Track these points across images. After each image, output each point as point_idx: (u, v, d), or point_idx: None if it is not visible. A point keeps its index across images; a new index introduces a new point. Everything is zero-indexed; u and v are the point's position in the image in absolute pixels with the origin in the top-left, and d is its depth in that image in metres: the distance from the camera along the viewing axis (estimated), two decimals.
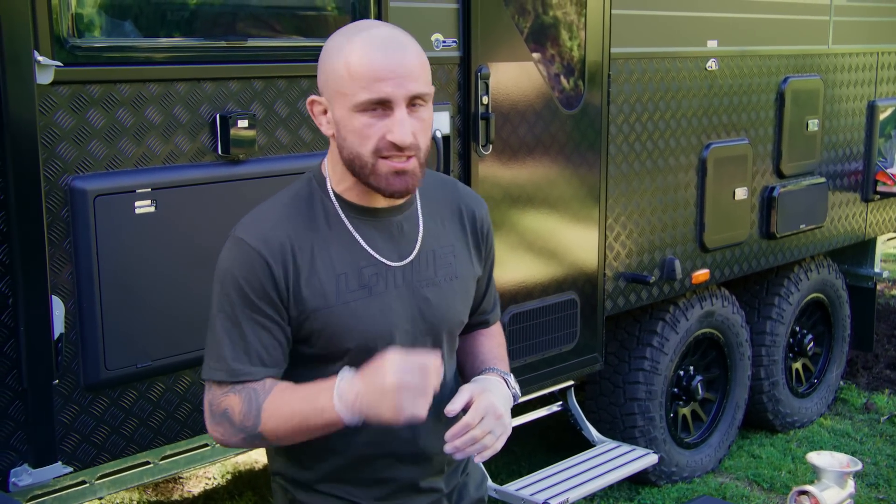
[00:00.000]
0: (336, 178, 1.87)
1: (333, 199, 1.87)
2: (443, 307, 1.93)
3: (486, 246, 2.05)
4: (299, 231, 1.83)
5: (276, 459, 1.99)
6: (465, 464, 2.09)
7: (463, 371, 2.10)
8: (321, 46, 1.83)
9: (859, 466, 2.94)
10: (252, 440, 1.81)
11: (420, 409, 1.68)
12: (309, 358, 1.88)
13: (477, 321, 2.12)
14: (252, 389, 1.81)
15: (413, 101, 1.76)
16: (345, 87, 1.75)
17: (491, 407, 1.82)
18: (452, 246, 1.96)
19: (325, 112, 1.83)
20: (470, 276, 2.00)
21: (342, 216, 1.86)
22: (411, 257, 1.89)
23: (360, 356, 1.84)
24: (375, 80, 1.72)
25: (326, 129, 1.83)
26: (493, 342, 2.14)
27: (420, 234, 1.92)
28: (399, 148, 1.75)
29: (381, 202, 1.87)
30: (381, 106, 1.74)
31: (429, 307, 1.90)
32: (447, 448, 1.80)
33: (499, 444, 1.83)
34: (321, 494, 1.94)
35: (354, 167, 1.80)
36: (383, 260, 1.86)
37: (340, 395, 1.71)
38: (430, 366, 1.69)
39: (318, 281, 1.82)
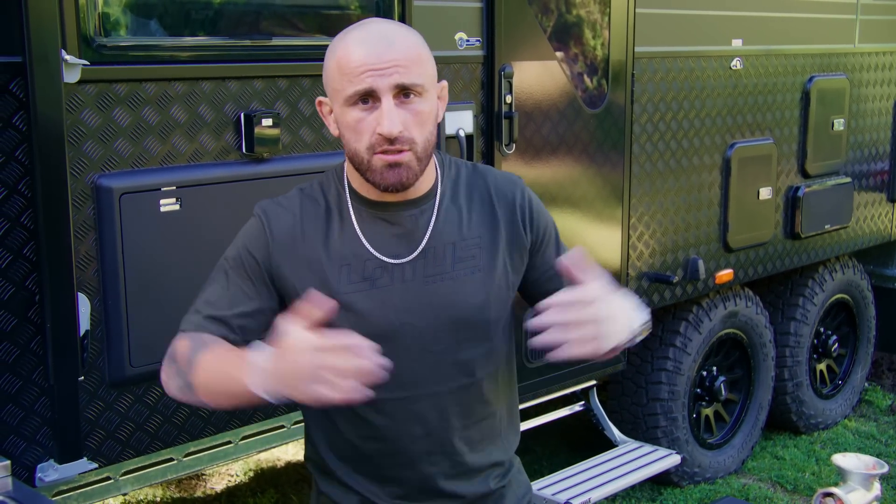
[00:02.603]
0: (352, 174, 1.87)
1: (348, 193, 1.88)
2: (458, 302, 1.85)
3: (530, 228, 1.92)
4: (309, 217, 1.85)
5: (307, 445, 2.00)
6: (503, 472, 1.99)
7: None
8: None
9: (885, 469, 2.92)
10: (187, 389, 1.73)
11: (341, 392, 1.49)
12: None
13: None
14: (200, 338, 1.76)
15: (404, 93, 1.73)
16: (336, 82, 1.75)
17: (594, 299, 1.57)
18: (480, 237, 1.88)
19: (330, 112, 1.82)
20: (502, 267, 1.89)
21: (352, 210, 1.86)
22: (418, 252, 1.85)
23: None
24: (359, 72, 1.71)
25: (333, 129, 1.83)
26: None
27: (430, 229, 1.86)
28: (389, 140, 1.73)
29: (391, 196, 1.85)
30: (370, 98, 1.73)
31: (441, 302, 1.84)
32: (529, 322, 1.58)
33: (577, 349, 1.55)
34: (341, 485, 1.92)
35: (355, 164, 1.79)
36: (382, 257, 1.83)
37: (251, 374, 1.58)
38: (351, 346, 1.51)
39: (321, 268, 1.82)
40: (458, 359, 1.86)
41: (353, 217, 1.85)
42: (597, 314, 1.57)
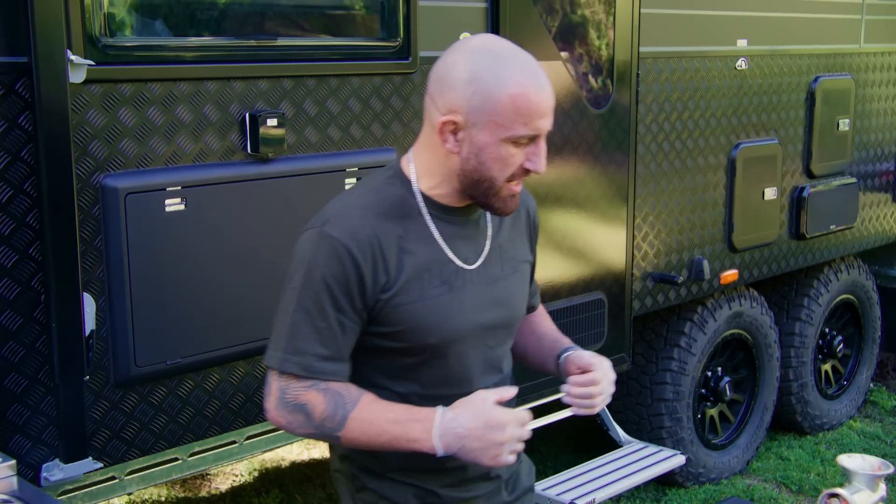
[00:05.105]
0: (427, 181, 1.89)
1: (420, 198, 1.89)
2: (512, 302, 2.00)
3: (536, 235, 2.14)
4: (385, 225, 1.84)
5: (337, 448, 2.02)
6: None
7: (526, 352, 2.17)
8: (350, 45, 1.85)
9: (891, 470, 2.91)
10: (323, 437, 1.86)
11: (514, 457, 1.81)
12: (387, 351, 1.89)
13: (528, 305, 2.16)
14: (337, 393, 1.82)
15: None
16: (503, 118, 1.78)
17: (611, 373, 1.98)
18: (514, 240, 2.03)
19: (455, 131, 1.81)
20: (528, 266, 2.08)
21: (426, 216, 1.88)
22: (485, 255, 1.95)
23: (438, 351, 1.88)
24: (538, 116, 1.79)
25: (452, 147, 1.82)
26: (549, 322, 2.24)
27: (489, 232, 1.98)
28: (528, 174, 1.84)
29: (463, 203, 1.91)
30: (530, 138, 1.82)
31: (499, 303, 1.96)
32: (563, 387, 1.95)
33: (599, 408, 1.96)
34: (392, 482, 1.97)
35: (478, 188, 1.84)
36: (459, 263, 1.90)
37: (441, 434, 1.78)
38: (526, 418, 1.82)
39: (404, 276, 1.84)
40: (498, 355, 2.00)
41: (429, 223, 1.88)
42: (612, 379, 1.98)
